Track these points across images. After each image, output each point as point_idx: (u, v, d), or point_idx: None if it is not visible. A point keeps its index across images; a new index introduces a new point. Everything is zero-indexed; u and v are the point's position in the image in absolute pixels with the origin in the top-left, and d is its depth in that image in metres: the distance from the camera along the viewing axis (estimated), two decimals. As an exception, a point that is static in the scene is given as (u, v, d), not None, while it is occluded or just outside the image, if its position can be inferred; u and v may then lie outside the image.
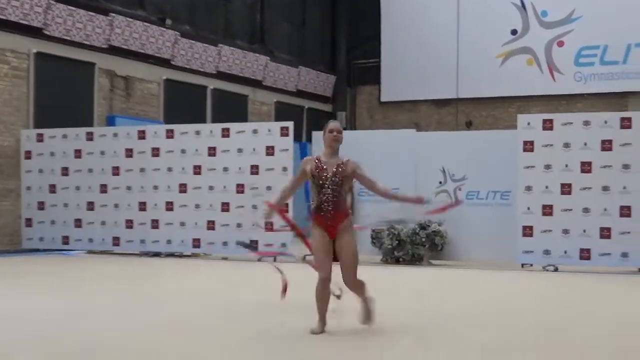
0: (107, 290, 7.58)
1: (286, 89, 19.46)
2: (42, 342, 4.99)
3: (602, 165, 10.04)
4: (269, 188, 10.88)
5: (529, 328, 5.42)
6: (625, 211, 9.90)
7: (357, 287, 5.11)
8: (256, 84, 18.47)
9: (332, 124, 5.23)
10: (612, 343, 4.86)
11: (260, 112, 18.27)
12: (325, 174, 4.96)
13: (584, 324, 5.70)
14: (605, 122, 10.26)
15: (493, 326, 5.48)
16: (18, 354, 4.55)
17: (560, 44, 17.93)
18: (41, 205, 12.31)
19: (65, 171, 12.16)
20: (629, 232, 9.89)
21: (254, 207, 10.80)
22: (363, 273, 5.56)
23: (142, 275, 9.74)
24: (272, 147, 11.25)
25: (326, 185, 5.02)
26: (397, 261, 10.89)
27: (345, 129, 15.64)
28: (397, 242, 10.94)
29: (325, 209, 4.96)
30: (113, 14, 14.32)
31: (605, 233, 10.00)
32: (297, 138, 14.91)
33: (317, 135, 12.19)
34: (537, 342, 4.85)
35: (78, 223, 12.03)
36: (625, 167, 9.96)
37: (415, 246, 10.86)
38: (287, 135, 11.40)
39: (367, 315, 5.14)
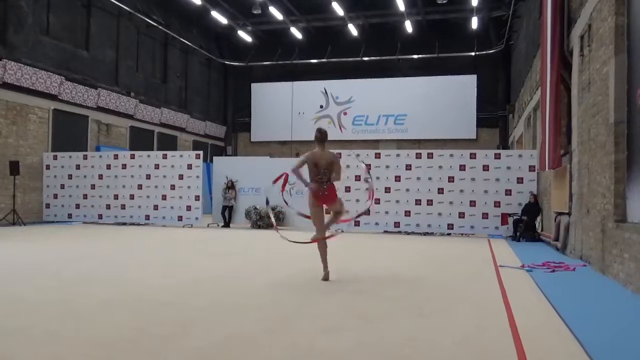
0: (96, 240, 13.11)
1: (199, 133, 27.02)
2: (55, 273, 9.23)
3: (364, 177, 14.76)
4: (189, 187, 16.59)
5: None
6: (377, 201, 14.88)
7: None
8: (182, 130, 25.64)
9: (324, 130, 6.96)
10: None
11: (184, 146, 25.10)
12: (318, 160, 6.58)
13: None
14: (367, 154, 15.72)
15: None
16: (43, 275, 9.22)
17: (345, 113, 27.12)
18: (55, 196, 17.54)
19: (70, 176, 17.44)
20: (379, 212, 15.65)
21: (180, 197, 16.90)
22: (241, 235, 10.65)
23: (115, 234, 14.01)
24: (191, 164, 16.83)
25: (322, 170, 6.55)
26: (259, 227, 16.40)
27: (230, 155, 23.59)
28: (259, 217, 16.48)
29: (322, 184, 6.52)
30: (100, 89, 19.91)
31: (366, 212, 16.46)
32: (204, 160, 18.92)
33: (217, 159, 18.39)
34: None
35: (77, 206, 17.38)
36: (377, 178, 15.00)
37: (269, 219, 15.78)
38: (199, 158, 16.90)
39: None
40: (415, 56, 26.51)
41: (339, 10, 23.34)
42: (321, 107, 28.19)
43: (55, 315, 4.66)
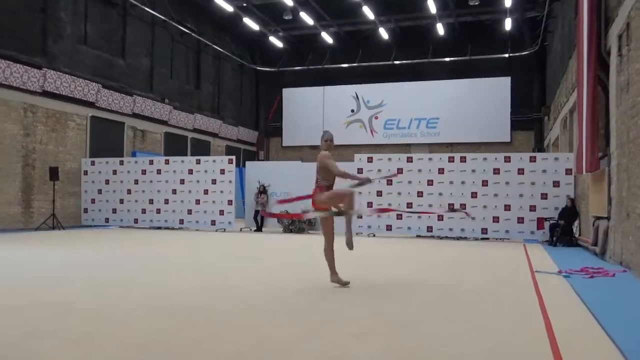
0: (132, 244, 13.65)
1: (231, 138, 27.24)
2: (93, 274, 9.57)
3: (398, 181, 15.09)
4: (221, 192, 16.86)
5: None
6: (409, 205, 14.85)
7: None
8: (215, 135, 25.94)
9: (328, 135, 6.40)
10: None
11: (217, 151, 25.42)
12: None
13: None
14: (399, 158, 15.64)
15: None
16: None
17: (376, 117, 26.80)
18: (92, 201, 17.97)
19: (107, 182, 17.84)
20: (410, 217, 15.34)
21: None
22: (272, 239, 10.04)
23: (150, 238, 14.51)
24: (224, 169, 17.05)
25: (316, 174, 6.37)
26: (291, 232, 16.66)
27: (262, 160, 23.84)
28: (291, 221, 16.55)
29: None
30: (135, 95, 20.38)
31: (399, 216, 15.02)
32: (237, 165, 18.97)
33: (249, 164, 18.61)
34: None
35: (114, 210, 17.79)
36: (409, 182, 15.02)
37: (300, 224, 16.54)
38: (232, 163, 17.16)
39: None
40: (447, 59, 26.23)
41: (369, 14, 23.29)
42: (352, 111, 28.16)
43: (91, 318, 4.74)
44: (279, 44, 27.88)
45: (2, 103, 15.65)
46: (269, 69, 29.30)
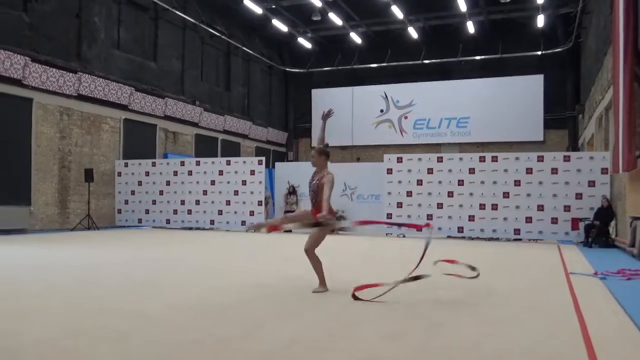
0: (164, 244, 13.79)
1: (261, 140, 27.41)
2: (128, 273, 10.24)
3: (428, 181, 15.25)
4: (251, 193, 17.10)
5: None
6: (440, 205, 14.96)
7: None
8: (244, 136, 26.15)
9: (313, 151, 6.07)
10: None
11: (247, 152, 25.65)
12: (310, 182, 5.99)
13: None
14: (429, 158, 15.55)
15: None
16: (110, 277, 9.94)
17: (406, 117, 26.54)
18: (126, 202, 18.34)
19: (139, 183, 18.17)
20: (441, 217, 14.85)
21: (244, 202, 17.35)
22: (303, 240, 9.89)
23: (182, 238, 14.70)
24: (254, 170, 17.21)
25: (310, 190, 5.94)
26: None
27: (292, 161, 23.95)
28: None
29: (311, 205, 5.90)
30: (167, 98, 20.73)
31: (429, 217, 14.86)
32: (267, 166, 18.60)
33: (279, 165, 18.93)
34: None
35: (147, 211, 18.11)
36: (440, 182, 14.99)
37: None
38: (261, 164, 17.31)
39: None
40: (478, 57, 25.90)
41: (398, 13, 23.17)
42: (381, 111, 28.03)
43: (126, 316, 4.84)
44: (307, 44, 27.95)
45: (39, 107, 16.10)
46: (298, 70, 29.41)
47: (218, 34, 23.64)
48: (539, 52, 24.97)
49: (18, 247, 11.39)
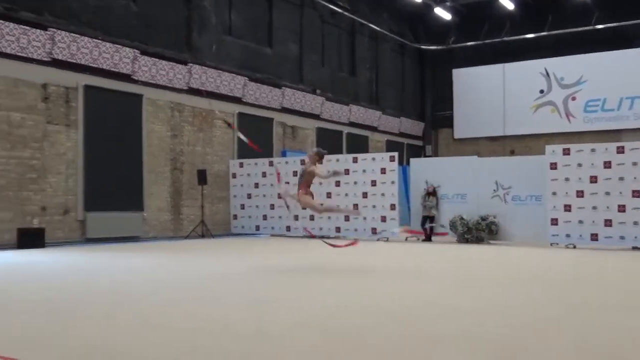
0: (284, 254, 13.71)
1: (392, 132, 27.45)
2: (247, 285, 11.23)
3: (605, 177, 14.47)
4: (383, 195, 16.96)
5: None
6: (622, 208, 14.26)
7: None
8: (373, 129, 26.35)
9: (312, 152, 10.05)
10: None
11: (376, 147, 25.74)
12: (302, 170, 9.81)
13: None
14: (606, 149, 14.72)
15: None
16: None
17: (574, 98, 24.69)
18: (242, 206, 18.96)
19: (256, 185, 18.65)
20: (624, 222, 14.19)
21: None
22: (445, 251, 10.52)
23: (303, 248, 15.09)
24: (385, 168, 17.07)
25: (300, 175, 9.92)
26: (466, 241, 16.12)
27: (430, 156, 23.53)
28: (466, 228, 16.16)
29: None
30: (284, 87, 21.40)
31: (608, 223, 14.32)
32: (400, 163, 18.55)
33: (414, 162, 18.62)
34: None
35: (264, 217, 18.64)
36: (621, 179, 14.37)
37: (478, 231, 16.04)
38: (394, 161, 17.13)
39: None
40: (669, 18, 23.85)
41: (561, -32, 21.97)
42: (541, 92, 26.72)
43: (246, 336, 5.01)
44: (446, 16, 27.40)
45: (149, 103, 17.31)
46: (435, 47, 28.92)
47: (340, 10, 23.94)
48: None
49: (135, 256, 12.28)
